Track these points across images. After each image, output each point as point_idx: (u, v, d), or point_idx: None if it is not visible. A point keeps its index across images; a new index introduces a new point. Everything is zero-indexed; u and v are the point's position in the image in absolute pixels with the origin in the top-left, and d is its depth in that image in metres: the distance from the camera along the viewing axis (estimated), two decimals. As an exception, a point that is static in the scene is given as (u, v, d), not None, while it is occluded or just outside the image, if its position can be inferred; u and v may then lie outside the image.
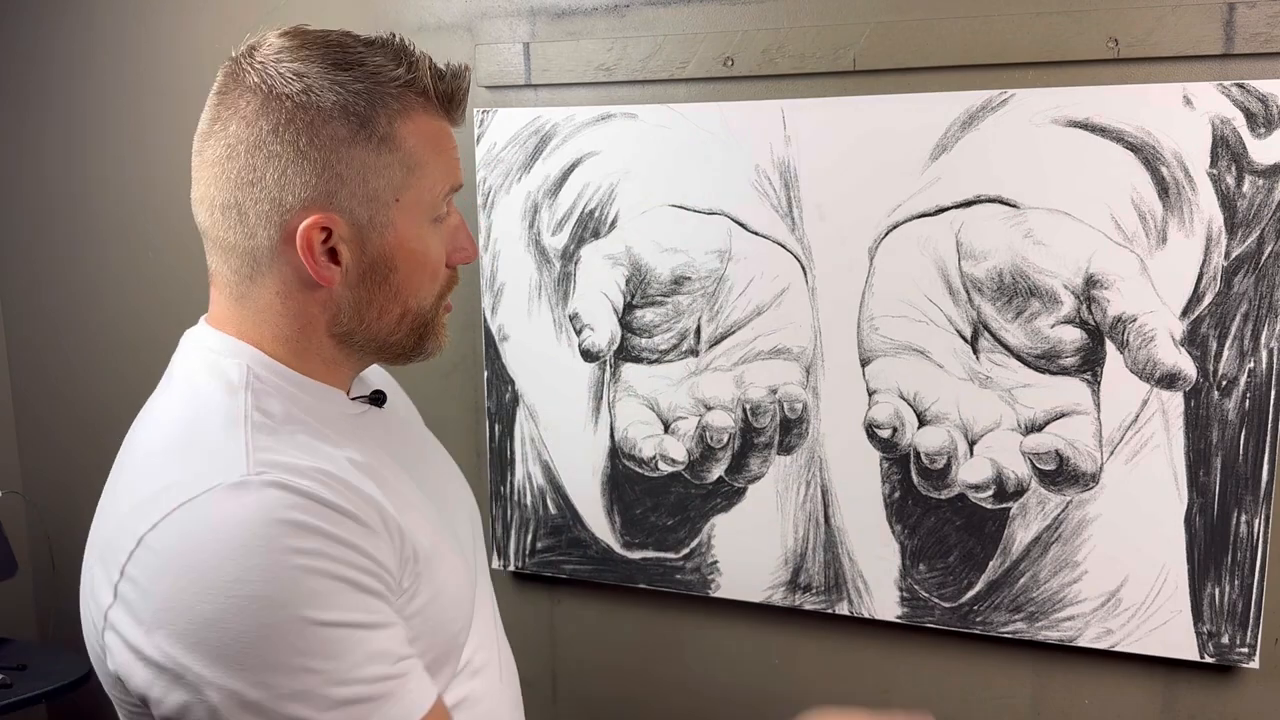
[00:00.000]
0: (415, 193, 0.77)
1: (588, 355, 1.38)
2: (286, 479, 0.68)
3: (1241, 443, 1.13)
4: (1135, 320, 1.15)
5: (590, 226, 1.35)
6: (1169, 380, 1.15)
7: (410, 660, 0.72)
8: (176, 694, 0.65)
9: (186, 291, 1.64)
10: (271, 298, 0.76)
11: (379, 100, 0.74)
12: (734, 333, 1.31)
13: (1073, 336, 1.17)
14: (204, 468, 0.69)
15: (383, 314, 0.78)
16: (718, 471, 1.34)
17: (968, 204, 1.19)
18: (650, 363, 1.35)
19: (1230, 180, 1.10)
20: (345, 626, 0.67)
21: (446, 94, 0.79)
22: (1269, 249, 1.10)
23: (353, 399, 0.84)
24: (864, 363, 1.25)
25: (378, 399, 0.87)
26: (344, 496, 0.70)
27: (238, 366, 0.76)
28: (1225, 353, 1.13)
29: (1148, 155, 1.12)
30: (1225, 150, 1.10)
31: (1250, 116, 1.08)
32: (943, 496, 1.25)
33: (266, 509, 0.67)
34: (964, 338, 1.21)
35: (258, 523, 0.66)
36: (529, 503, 1.45)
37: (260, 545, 0.65)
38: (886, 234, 1.22)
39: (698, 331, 1.32)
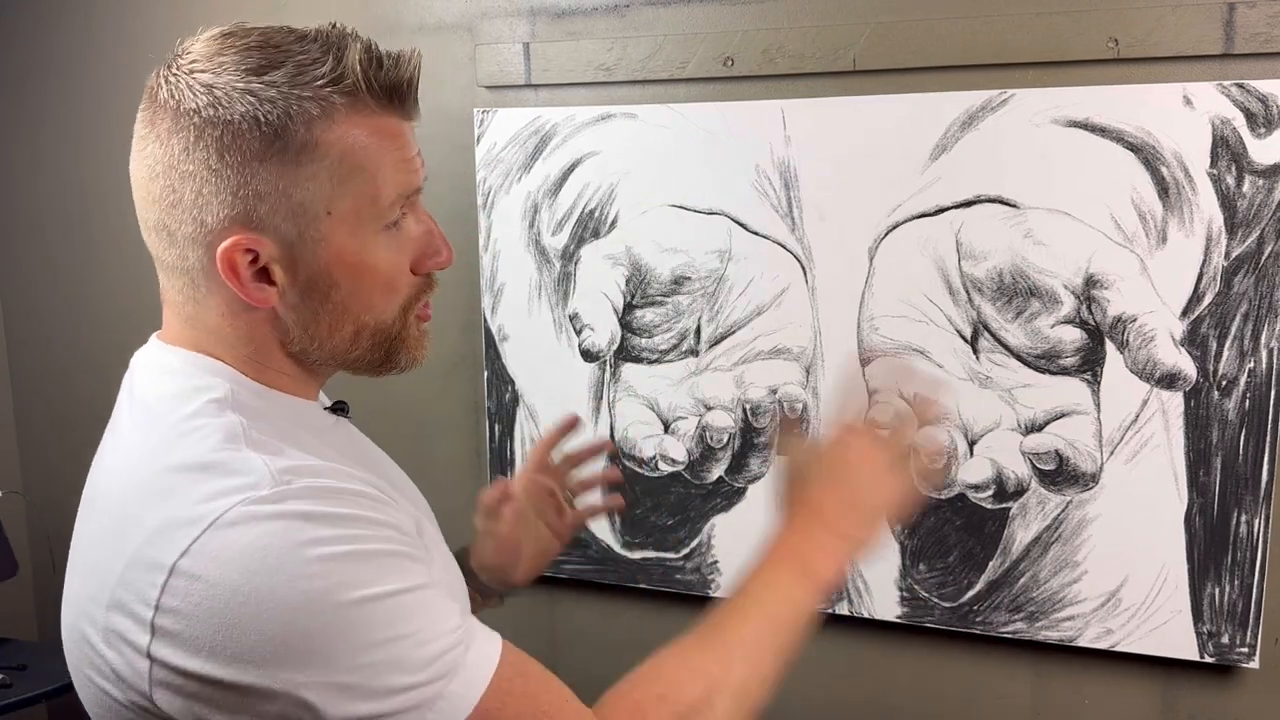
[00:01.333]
0: (353, 202, 0.70)
1: (588, 355, 1.38)
2: (312, 482, 0.67)
3: (1241, 443, 1.13)
4: (1135, 320, 1.15)
5: (590, 226, 1.35)
6: (1169, 380, 1.15)
7: (468, 613, 0.71)
8: (267, 705, 0.63)
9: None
10: (219, 319, 0.72)
11: (295, 106, 0.68)
12: (734, 333, 1.30)
13: (1073, 336, 1.17)
14: (224, 485, 0.66)
15: (333, 332, 0.73)
16: (718, 471, 1.34)
17: (968, 204, 1.19)
18: (650, 363, 1.35)
19: (1230, 180, 1.10)
20: (409, 591, 0.66)
21: (387, 86, 0.70)
22: (1269, 249, 1.10)
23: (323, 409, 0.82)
24: (864, 363, 1.25)
25: (341, 408, 0.84)
26: (363, 483, 0.70)
27: (220, 385, 0.72)
28: (1225, 353, 1.12)
29: (1148, 155, 1.12)
30: (1225, 150, 1.09)
31: (1250, 116, 1.08)
32: (943, 496, 1.25)
33: (303, 512, 0.65)
34: (964, 338, 1.21)
35: (296, 526, 0.64)
36: (529, 503, 1.45)
37: (305, 542, 0.64)
38: (886, 234, 1.22)
39: (698, 331, 1.32)
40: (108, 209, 1.69)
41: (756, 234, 1.28)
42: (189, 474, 0.67)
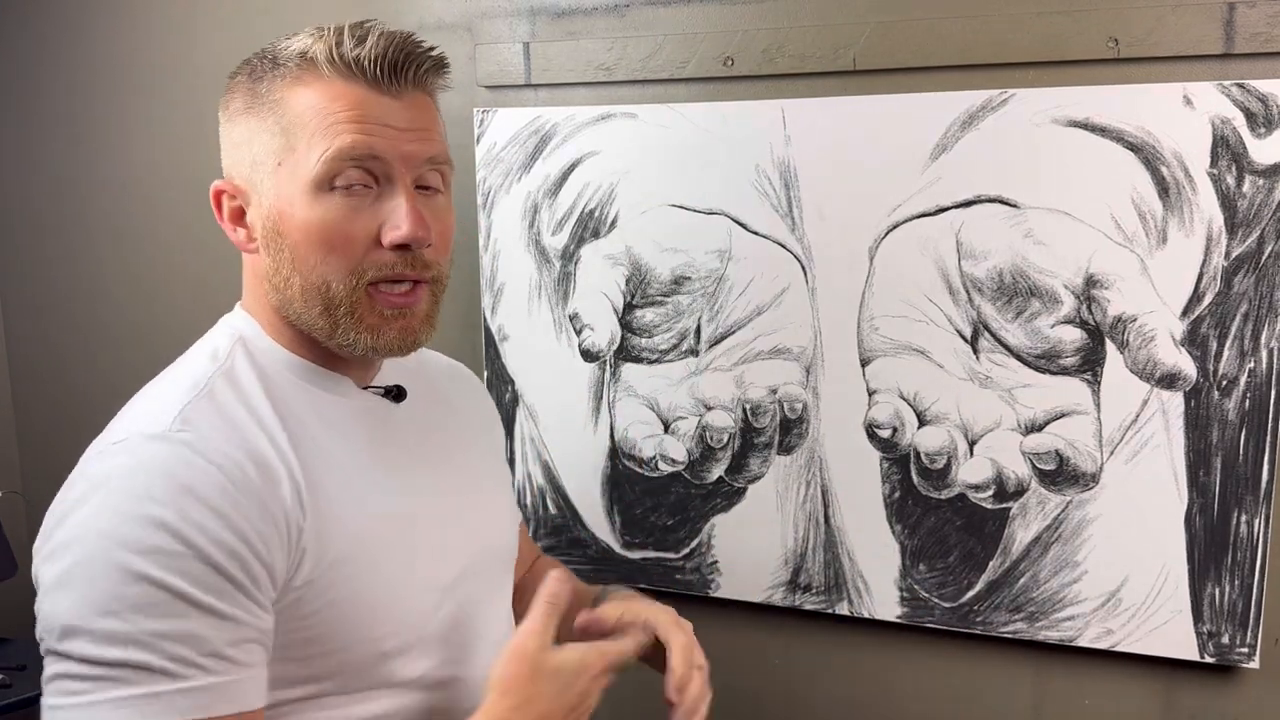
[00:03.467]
0: (295, 157, 0.76)
1: (588, 355, 1.38)
2: (198, 441, 0.71)
3: (1241, 443, 1.13)
4: (1135, 320, 1.15)
5: (590, 226, 1.35)
6: (1169, 380, 1.15)
7: (231, 665, 0.69)
8: (37, 607, 0.72)
9: (189, 291, 1.64)
10: (247, 275, 0.84)
11: (273, 69, 0.78)
12: (734, 333, 1.30)
13: (1073, 336, 1.17)
14: (139, 419, 0.75)
15: (288, 285, 0.78)
16: (718, 471, 1.34)
17: (968, 204, 1.19)
18: (650, 363, 1.35)
19: (1230, 180, 1.10)
20: (174, 595, 0.67)
21: (353, 59, 0.76)
22: (1269, 249, 1.10)
23: (366, 388, 0.85)
24: (864, 363, 1.25)
25: (390, 391, 0.87)
26: (251, 473, 0.72)
27: (229, 336, 0.81)
28: (1225, 353, 1.12)
29: (1148, 155, 1.12)
30: (1225, 150, 1.09)
31: (1250, 116, 1.08)
32: (943, 496, 1.24)
33: (167, 461, 0.70)
34: (964, 338, 1.21)
35: (152, 472, 0.69)
36: (529, 503, 1.45)
37: (140, 493, 0.68)
38: (886, 234, 1.22)
39: (698, 331, 1.32)
40: (109, 208, 1.69)
41: (756, 234, 1.28)
42: (138, 410, 0.77)
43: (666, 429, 1.36)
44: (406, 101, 0.79)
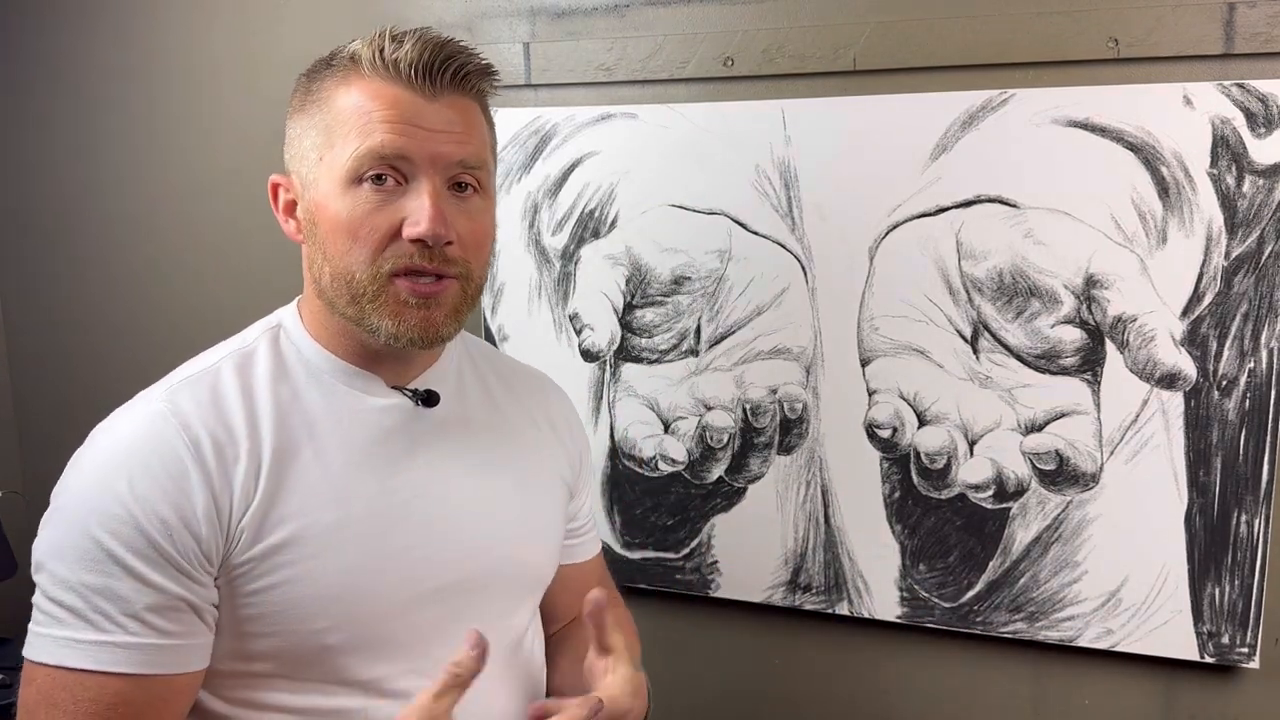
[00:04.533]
0: (334, 152, 0.80)
1: (588, 355, 1.38)
2: (170, 414, 0.78)
3: (1241, 443, 1.13)
4: (1135, 320, 1.15)
5: (590, 226, 1.35)
6: (1169, 380, 1.15)
7: (148, 630, 0.75)
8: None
9: (190, 290, 1.64)
10: (304, 266, 0.86)
11: (326, 69, 0.82)
12: (734, 333, 1.31)
13: (1073, 336, 1.17)
14: (153, 386, 0.83)
15: (321, 274, 0.83)
16: (718, 471, 1.34)
17: (968, 204, 1.19)
18: (650, 363, 1.35)
19: (1230, 180, 1.10)
20: (107, 554, 0.74)
21: (392, 61, 0.79)
22: (1269, 249, 1.10)
23: (394, 387, 0.86)
24: (864, 363, 1.25)
25: (419, 395, 0.87)
26: (206, 450, 0.77)
27: (266, 324, 0.87)
28: (1225, 353, 1.13)
29: (1148, 155, 1.12)
30: (1225, 150, 1.10)
31: (1250, 116, 1.08)
32: (943, 496, 1.25)
33: (136, 428, 0.78)
34: (964, 338, 1.21)
35: (122, 438, 0.77)
36: (529, 503, 1.45)
37: (108, 456, 0.77)
38: (886, 234, 1.22)
39: (698, 331, 1.32)
40: (112, 209, 1.69)
41: (756, 234, 1.28)
42: (163, 378, 0.85)
43: (666, 429, 1.36)
44: (444, 104, 0.81)
